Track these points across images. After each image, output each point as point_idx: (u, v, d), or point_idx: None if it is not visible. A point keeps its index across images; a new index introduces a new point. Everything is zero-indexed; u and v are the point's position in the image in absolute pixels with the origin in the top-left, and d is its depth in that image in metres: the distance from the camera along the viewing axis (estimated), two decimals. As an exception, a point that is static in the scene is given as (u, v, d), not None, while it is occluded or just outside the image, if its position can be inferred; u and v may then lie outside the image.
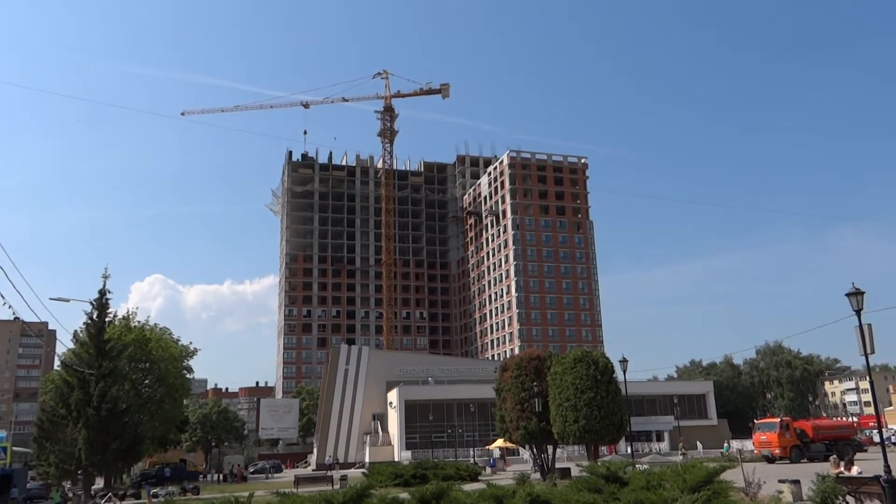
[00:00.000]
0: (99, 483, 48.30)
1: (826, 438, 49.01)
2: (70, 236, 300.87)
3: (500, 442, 59.38)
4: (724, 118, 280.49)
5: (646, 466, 20.78)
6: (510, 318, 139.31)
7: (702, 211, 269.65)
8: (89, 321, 42.45)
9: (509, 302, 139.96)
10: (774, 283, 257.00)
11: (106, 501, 35.99)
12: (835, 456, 28.49)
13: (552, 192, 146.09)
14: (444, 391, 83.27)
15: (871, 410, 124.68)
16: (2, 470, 42.51)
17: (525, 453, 56.31)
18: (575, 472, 31.22)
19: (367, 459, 77.39)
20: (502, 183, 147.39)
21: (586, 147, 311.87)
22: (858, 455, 42.01)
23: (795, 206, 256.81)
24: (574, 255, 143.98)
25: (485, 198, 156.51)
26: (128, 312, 57.82)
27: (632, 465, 17.99)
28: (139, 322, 57.67)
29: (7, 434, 55.79)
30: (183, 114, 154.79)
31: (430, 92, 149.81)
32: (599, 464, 17.00)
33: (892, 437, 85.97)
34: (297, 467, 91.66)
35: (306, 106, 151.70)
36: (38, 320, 44.09)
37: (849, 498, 19.43)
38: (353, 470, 64.56)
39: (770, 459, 44.99)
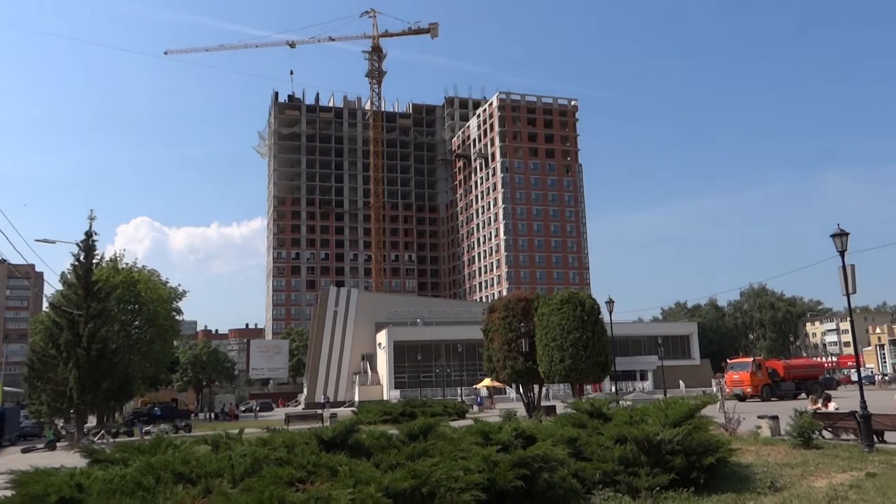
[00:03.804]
0: (91, 421, 48.93)
1: (796, 377, 50.37)
2: (53, 178, 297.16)
3: (487, 381, 60.41)
4: (714, 60, 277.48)
5: (629, 403, 21.26)
6: (498, 260, 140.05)
7: (689, 154, 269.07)
8: (76, 263, 42.31)
9: (497, 244, 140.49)
10: (761, 225, 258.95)
11: (99, 438, 36.52)
12: (814, 394, 29.23)
13: (541, 134, 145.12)
14: (432, 332, 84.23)
15: (850, 350, 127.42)
16: (-6, 409, 43.04)
17: (512, 392, 57.40)
18: (560, 409, 31.94)
19: (356, 399, 78.73)
20: (491, 125, 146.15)
21: (576, 89, 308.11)
22: (833, 392, 43.20)
23: (783, 148, 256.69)
24: (563, 198, 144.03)
25: (474, 140, 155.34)
26: (115, 254, 57.62)
27: (616, 401, 18.39)
28: (127, 264, 57.52)
29: (-2, 374, 56.19)
30: (166, 53, 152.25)
31: (419, 31, 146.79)
32: (584, 400, 17.36)
33: (871, 376, 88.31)
34: (288, 406, 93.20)
35: (292, 45, 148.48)
36: (24, 262, 43.86)
37: (825, 432, 20.06)
38: (342, 409, 65.67)
39: (741, 398, 45.94)
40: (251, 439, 12.52)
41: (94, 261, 43.81)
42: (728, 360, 58.55)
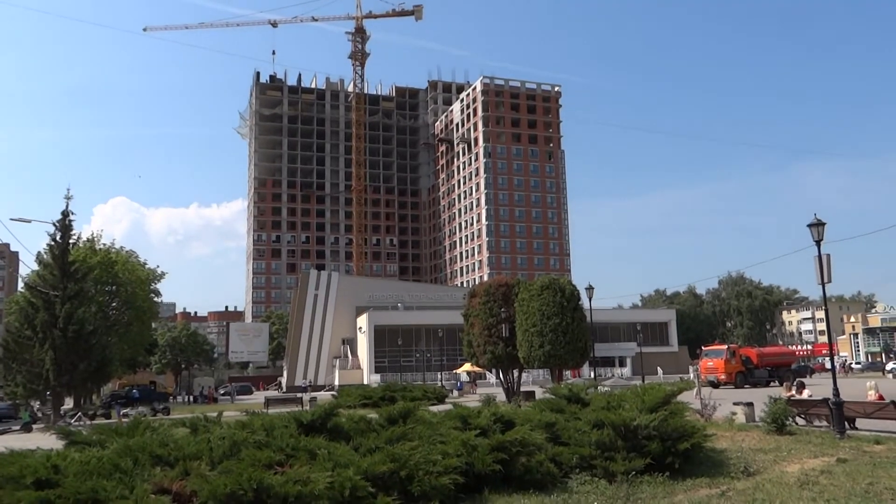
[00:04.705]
0: (69, 403, 48.59)
1: (769, 365, 51.14)
2: (29, 156, 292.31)
3: (467, 366, 60.67)
4: (696, 49, 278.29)
5: (607, 389, 21.47)
6: (480, 245, 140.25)
7: (671, 142, 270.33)
8: (53, 243, 41.88)
9: (479, 230, 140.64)
10: (741, 213, 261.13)
11: (76, 421, 36.25)
12: (787, 382, 29.69)
13: (525, 120, 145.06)
14: (413, 317, 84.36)
15: (825, 339, 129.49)
16: (-32, 390, 42.62)
17: (492, 377, 57.72)
18: (539, 394, 32.20)
19: (336, 383, 78.76)
20: (475, 110, 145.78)
21: (560, 75, 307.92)
22: (807, 380, 43.90)
23: (763, 138, 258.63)
24: (545, 184, 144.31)
25: (457, 125, 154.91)
26: (92, 235, 57.09)
27: (594, 387, 18.55)
28: (104, 245, 56.95)
29: (-28, 355, 55.41)
30: (145, 29, 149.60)
31: (403, 13, 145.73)
32: (562, 386, 17.51)
33: (846, 364, 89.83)
34: (269, 389, 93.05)
35: (274, 25, 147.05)
36: (-1, 241, 43.38)
37: (798, 419, 20.40)
38: (322, 392, 65.70)
39: (715, 384, 46.39)
40: (230, 422, 12.50)
41: (71, 241, 43.39)
42: (703, 348, 59.27)
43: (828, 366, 72.82)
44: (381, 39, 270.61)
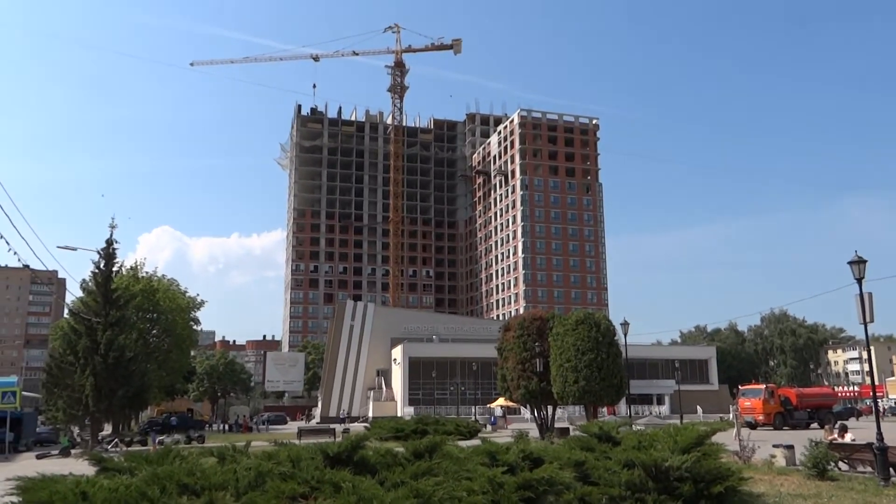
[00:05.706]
0: (107, 429, 49.33)
1: (809, 406, 49.42)
2: (77, 186, 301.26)
3: (501, 401, 59.99)
4: (735, 82, 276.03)
5: (641, 427, 21.06)
6: (516, 278, 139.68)
7: (711, 176, 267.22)
8: (97, 270, 42.93)
9: (516, 263, 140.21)
10: (783, 250, 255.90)
11: (112, 447, 36.76)
12: (828, 424, 28.75)
13: (562, 152, 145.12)
14: (447, 349, 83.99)
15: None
16: (12, 413, 43.55)
17: (526, 412, 57.01)
18: (573, 431, 31.69)
19: (370, 414, 78.58)
20: (512, 142, 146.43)
21: (597, 108, 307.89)
22: (855, 423, 42.38)
23: (804, 173, 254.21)
24: (582, 217, 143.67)
25: (494, 157, 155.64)
26: (135, 263, 58.42)
27: (627, 425, 18.20)
28: (147, 273, 58.23)
29: (18, 379, 56.87)
30: (192, 64, 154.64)
31: (442, 47, 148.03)
32: (593, 423, 17.20)
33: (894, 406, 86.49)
34: (303, 420, 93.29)
35: (316, 59, 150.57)
36: (45, 268, 44.70)
37: (841, 464, 19.69)
38: (356, 424, 65.59)
39: (752, 425, 44.94)
40: (257, 453, 12.56)
41: (115, 269, 44.43)
42: (740, 387, 57.57)
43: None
44: (420, 73, 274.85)
